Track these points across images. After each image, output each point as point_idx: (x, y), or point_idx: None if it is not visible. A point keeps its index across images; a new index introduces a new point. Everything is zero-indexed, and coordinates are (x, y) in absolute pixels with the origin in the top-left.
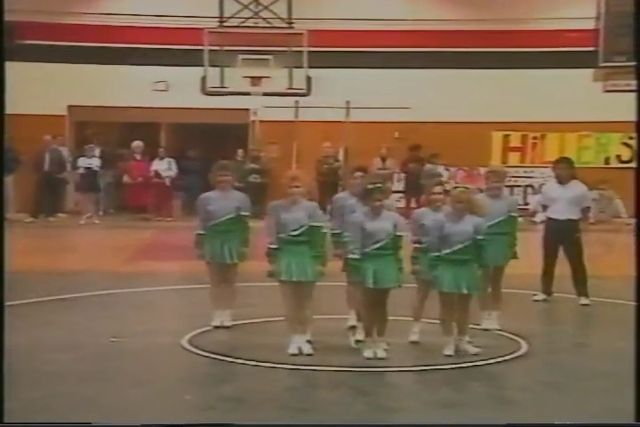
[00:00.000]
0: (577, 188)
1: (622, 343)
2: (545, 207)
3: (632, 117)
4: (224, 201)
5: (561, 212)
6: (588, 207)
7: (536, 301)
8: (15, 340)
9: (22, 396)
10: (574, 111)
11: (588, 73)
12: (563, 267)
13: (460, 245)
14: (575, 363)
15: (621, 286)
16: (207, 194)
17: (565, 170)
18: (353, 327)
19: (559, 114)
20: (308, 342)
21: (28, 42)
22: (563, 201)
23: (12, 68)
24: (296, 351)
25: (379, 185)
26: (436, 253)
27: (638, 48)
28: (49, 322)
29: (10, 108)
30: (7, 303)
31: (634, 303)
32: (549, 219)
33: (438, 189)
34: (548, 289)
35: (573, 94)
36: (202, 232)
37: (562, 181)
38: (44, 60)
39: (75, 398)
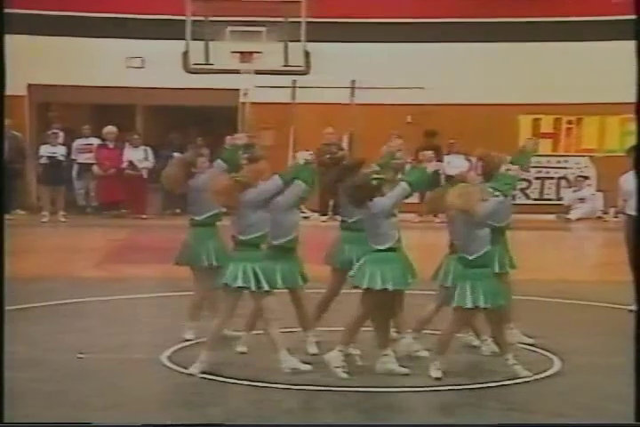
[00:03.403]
0: None
1: None
2: (626, 201)
3: None
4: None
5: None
6: None
7: (631, 311)
8: None
9: None
10: (616, 91)
11: (632, 46)
12: (603, 271)
13: None
14: (614, 383)
15: None
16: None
17: None
18: None
19: (598, 94)
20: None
21: None
22: None
23: None
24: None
25: (381, 176)
26: None
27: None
28: (7, 336)
29: None
30: None
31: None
32: (627, 215)
33: None
34: None
35: (615, 71)
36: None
37: None
38: None
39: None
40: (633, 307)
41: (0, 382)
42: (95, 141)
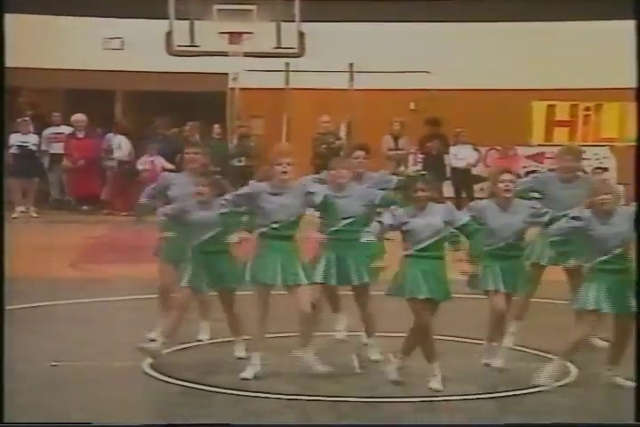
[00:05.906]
0: None
1: None
2: None
3: None
4: (190, 187)
5: None
6: None
7: None
8: None
9: None
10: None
11: None
12: None
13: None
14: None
15: None
16: (170, 175)
17: None
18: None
19: (619, 78)
20: None
21: None
22: None
23: None
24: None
25: (422, 172)
26: None
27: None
28: None
29: None
30: None
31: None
32: None
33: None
34: None
35: (638, 52)
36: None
37: None
38: None
39: None
40: None
41: (1, 382)
42: (67, 130)
